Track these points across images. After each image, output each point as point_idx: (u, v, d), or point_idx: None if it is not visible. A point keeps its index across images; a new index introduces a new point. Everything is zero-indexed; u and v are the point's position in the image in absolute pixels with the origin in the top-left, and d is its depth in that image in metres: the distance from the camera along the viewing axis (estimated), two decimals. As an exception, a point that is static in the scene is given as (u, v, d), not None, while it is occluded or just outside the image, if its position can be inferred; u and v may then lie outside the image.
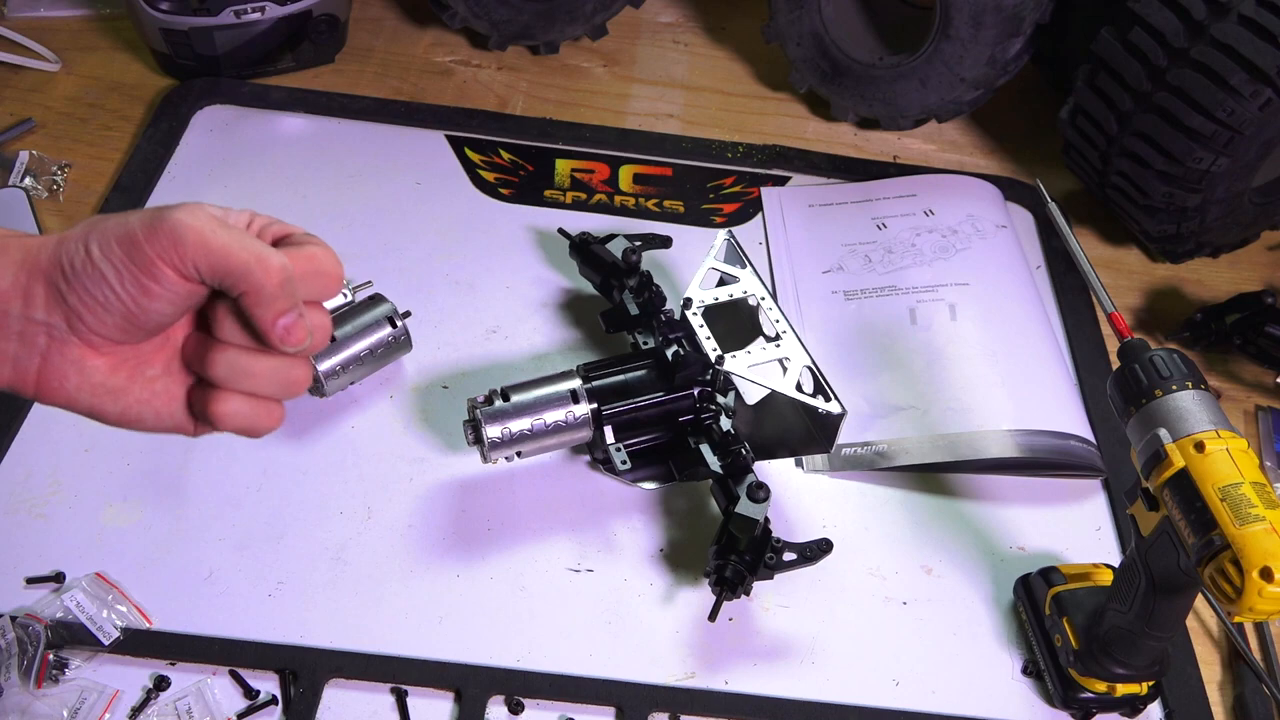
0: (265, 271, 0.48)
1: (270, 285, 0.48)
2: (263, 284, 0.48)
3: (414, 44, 1.19)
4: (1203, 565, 0.59)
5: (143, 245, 0.46)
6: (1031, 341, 0.93)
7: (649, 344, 0.85)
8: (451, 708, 0.72)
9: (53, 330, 0.48)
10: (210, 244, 0.47)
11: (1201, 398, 0.63)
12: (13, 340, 0.48)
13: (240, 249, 0.47)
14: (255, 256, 0.48)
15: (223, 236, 0.47)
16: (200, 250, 0.47)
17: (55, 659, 0.70)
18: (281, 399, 0.52)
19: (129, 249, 0.47)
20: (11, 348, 0.48)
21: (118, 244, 0.47)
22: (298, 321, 0.49)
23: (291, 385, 0.51)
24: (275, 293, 0.48)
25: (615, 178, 1.06)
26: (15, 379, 0.49)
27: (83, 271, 0.47)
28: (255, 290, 0.48)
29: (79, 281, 0.47)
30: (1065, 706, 0.74)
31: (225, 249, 0.47)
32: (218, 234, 0.47)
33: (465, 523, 0.80)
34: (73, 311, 0.47)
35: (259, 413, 0.51)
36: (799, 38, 1.12)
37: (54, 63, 1.10)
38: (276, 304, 0.48)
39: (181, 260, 0.47)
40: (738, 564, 0.71)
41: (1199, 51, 0.89)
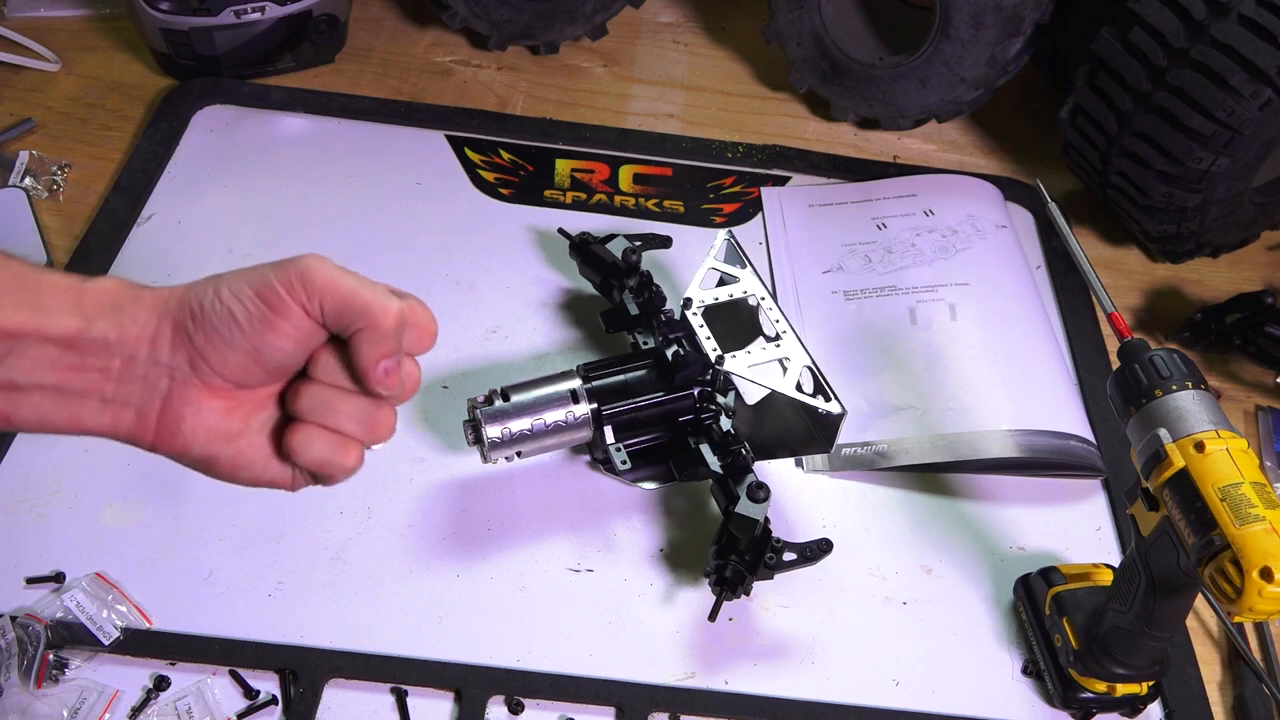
0: (385, 312, 0.50)
1: (387, 325, 0.50)
2: (381, 323, 0.50)
3: (414, 44, 1.19)
4: (1203, 565, 0.59)
5: (273, 283, 0.49)
6: (1031, 341, 0.93)
7: (649, 344, 0.85)
8: (451, 708, 0.72)
9: (175, 372, 0.50)
10: (338, 284, 0.49)
11: (1201, 398, 0.63)
12: (137, 384, 0.50)
13: (365, 289, 0.50)
14: (377, 298, 0.50)
15: (350, 279, 0.50)
16: (328, 289, 0.49)
17: (55, 659, 0.70)
18: (364, 441, 0.53)
19: (259, 287, 0.49)
20: (136, 392, 0.50)
21: (248, 284, 0.49)
22: (397, 366, 0.51)
23: (376, 427, 0.52)
24: (389, 333, 0.50)
25: (615, 178, 1.06)
26: (136, 426, 0.50)
27: (211, 310, 0.49)
28: (373, 328, 0.50)
29: (207, 320, 0.49)
30: (1065, 706, 0.74)
31: (352, 289, 0.50)
32: (345, 277, 0.50)
33: (465, 523, 0.80)
34: (197, 351, 0.49)
35: (337, 449, 0.52)
36: (799, 38, 1.12)
37: (54, 63, 1.10)
38: (386, 345, 0.50)
39: (309, 298, 0.49)
40: (738, 564, 0.71)
41: (1199, 51, 0.89)
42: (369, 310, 0.50)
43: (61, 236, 0.95)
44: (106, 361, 0.49)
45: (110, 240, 0.94)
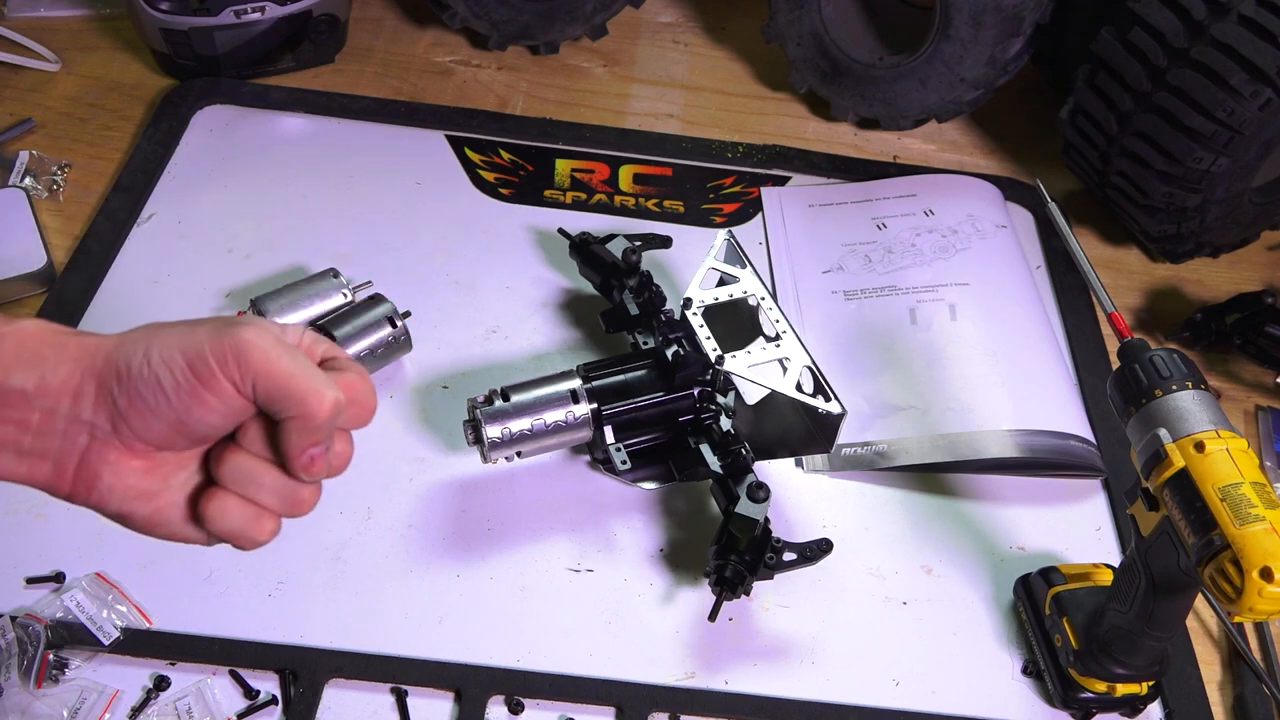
0: (319, 403, 0.48)
1: (320, 417, 0.48)
2: (314, 413, 0.48)
3: (414, 44, 1.19)
4: (1203, 565, 0.59)
5: (207, 356, 0.47)
6: (1031, 341, 0.93)
7: (649, 344, 0.85)
8: (451, 708, 0.72)
9: (95, 430, 0.48)
10: (274, 367, 0.47)
11: (1201, 398, 0.63)
12: (55, 438, 0.48)
13: (301, 376, 0.48)
14: (314, 388, 0.48)
15: (286, 362, 0.48)
16: (264, 371, 0.47)
17: (55, 659, 0.70)
18: (281, 515, 0.51)
19: (192, 358, 0.47)
20: (54, 446, 0.48)
21: (180, 353, 0.47)
22: (324, 454, 0.50)
23: (298, 504, 0.51)
24: (321, 425, 0.48)
25: (615, 178, 1.06)
26: (53, 477, 0.49)
27: (139, 375, 0.47)
28: (305, 417, 0.48)
29: (133, 385, 0.47)
30: (1065, 706, 0.74)
31: (288, 375, 0.47)
32: (282, 358, 0.48)
33: (465, 523, 0.80)
34: (120, 414, 0.48)
35: (251, 522, 0.50)
36: (799, 38, 1.12)
37: (54, 63, 1.10)
38: (316, 435, 0.49)
39: (242, 377, 0.47)
40: (738, 564, 0.71)
41: (1199, 51, 0.89)
42: (303, 400, 0.48)
43: (61, 236, 0.95)
44: (24, 414, 0.47)
45: (110, 240, 0.94)
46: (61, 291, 0.90)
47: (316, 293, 0.86)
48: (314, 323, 0.85)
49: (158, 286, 0.92)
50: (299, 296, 0.86)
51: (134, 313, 0.90)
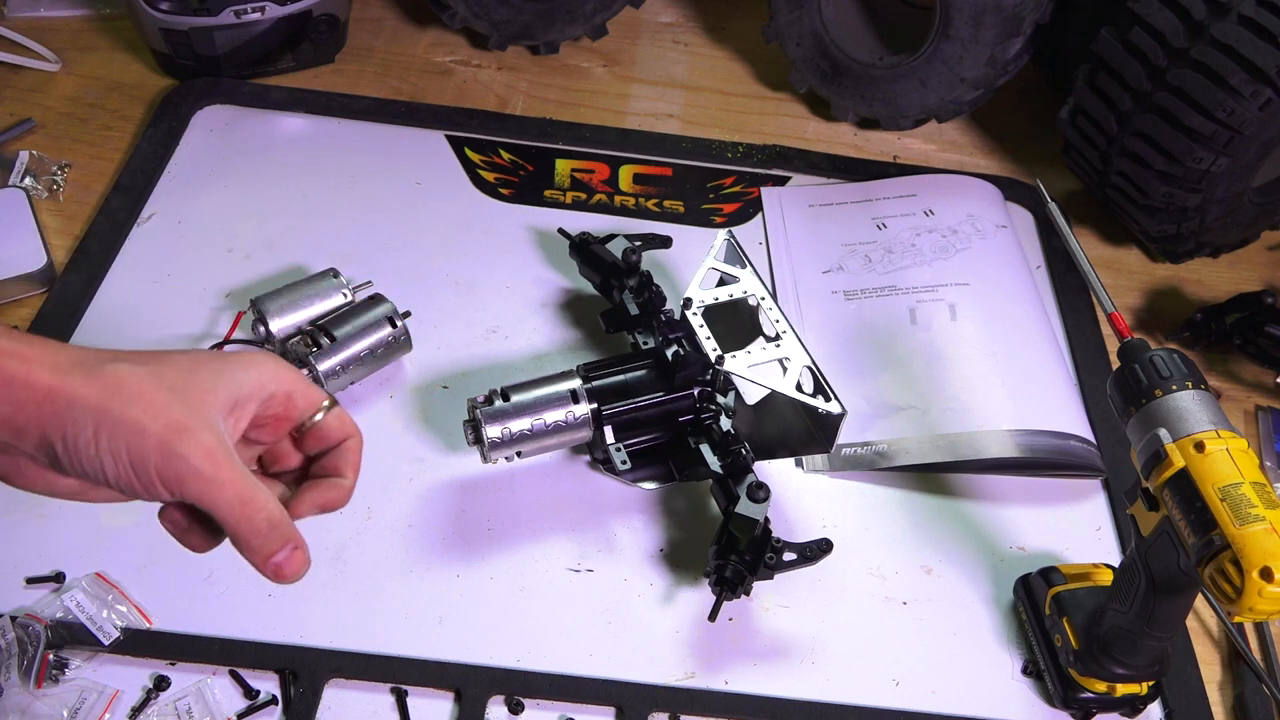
0: (251, 529, 0.50)
1: (255, 538, 0.50)
2: (248, 537, 0.50)
3: (414, 44, 1.19)
4: (1203, 565, 0.59)
5: (150, 470, 0.47)
6: (1031, 341, 0.93)
7: (649, 344, 0.85)
8: (451, 708, 0.72)
9: (34, 459, 0.49)
10: (212, 500, 0.49)
11: (1201, 398, 0.63)
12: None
13: (239, 516, 0.49)
14: (243, 515, 0.49)
15: (223, 500, 0.49)
16: (201, 499, 0.49)
17: (55, 659, 0.70)
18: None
19: (136, 461, 0.47)
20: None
21: (127, 452, 0.47)
22: (292, 556, 0.51)
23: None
24: (261, 542, 0.50)
25: (615, 178, 1.06)
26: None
27: (84, 450, 0.47)
28: (240, 539, 0.50)
29: (75, 454, 0.47)
30: (1065, 706, 0.74)
31: (225, 512, 0.49)
32: (221, 493, 0.49)
33: (465, 523, 0.80)
34: (58, 462, 0.48)
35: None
36: (799, 38, 1.12)
37: (54, 63, 1.10)
38: (264, 550, 0.50)
39: (182, 493, 0.48)
40: (738, 564, 0.71)
41: (1199, 51, 0.89)
42: (235, 525, 0.49)
43: (61, 236, 0.95)
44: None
45: (110, 240, 0.94)
46: (61, 291, 0.90)
47: (316, 293, 0.86)
48: (314, 323, 0.84)
49: (158, 286, 0.92)
50: (299, 296, 0.86)
51: (134, 313, 0.90)
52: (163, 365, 0.49)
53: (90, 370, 0.47)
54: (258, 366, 0.52)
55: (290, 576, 0.51)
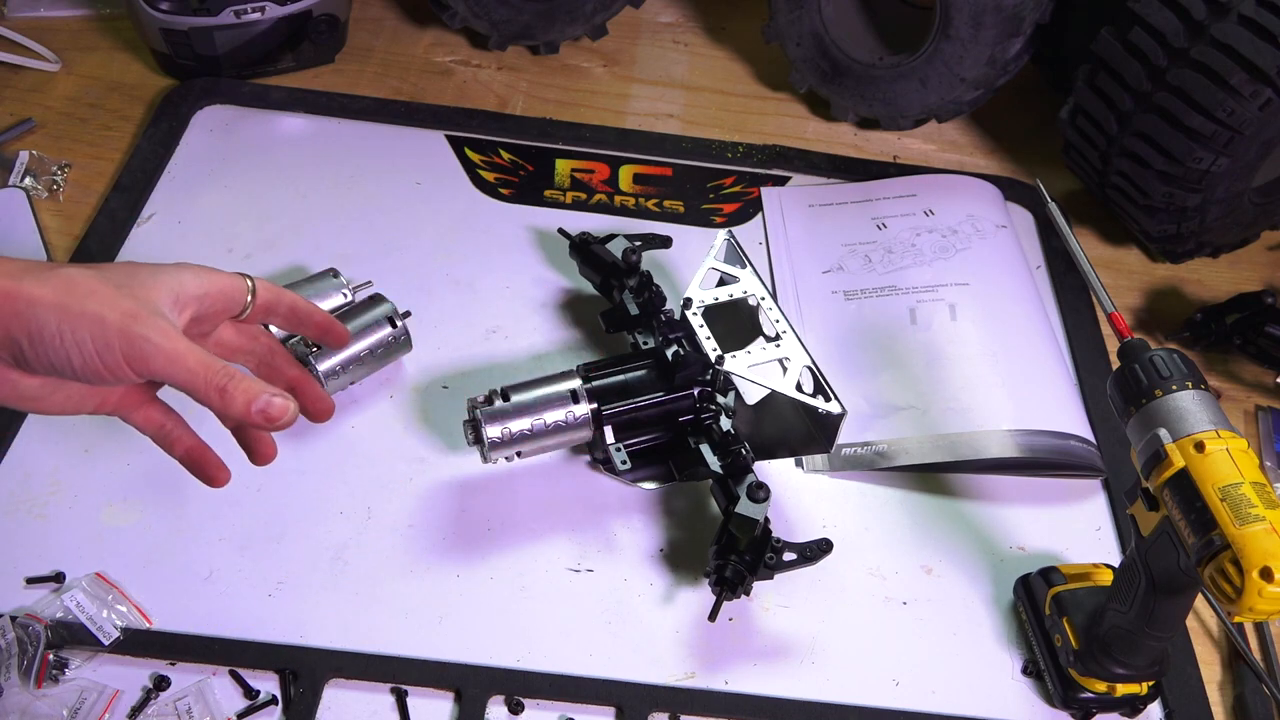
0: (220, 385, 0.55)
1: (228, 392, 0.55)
2: (220, 392, 0.55)
3: (414, 44, 1.19)
4: (1203, 565, 0.59)
5: (115, 353, 0.52)
6: (1031, 341, 0.93)
7: (649, 344, 0.85)
8: (451, 708, 0.72)
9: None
10: (174, 371, 0.54)
11: (1201, 398, 0.63)
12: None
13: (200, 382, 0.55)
14: (209, 376, 0.55)
15: (183, 369, 0.54)
16: (165, 373, 0.54)
17: (55, 659, 0.70)
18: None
19: (101, 348, 0.51)
20: None
21: (91, 340, 0.51)
22: (272, 401, 0.55)
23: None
24: (236, 394, 0.55)
25: (615, 178, 1.06)
26: None
27: (49, 344, 0.51)
28: (212, 397, 0.55)
29: (42, 349, 0.51)
30: (1065, 706, 0.74)
31: (188, 380, 0.54)
32: (182, 361, 0.54)
33: (465, 523, 0.80)
34: (24, 359, 0.51)
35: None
36: (799, 38, 1.12)
37: (54, 63, 1.10)
38: (242, 398, 0.55)
39: (148, 370, 0.53)
40: (738, 564, 0.71)
41: (1199, 51, 0.89)
42: (207, 399, 0.54)
43: (61, 236, 0.95)
44: None
45: (110, 240, 0.94)
46: (61, 291, 0.90)
47: (316, 293, 0.86)
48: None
49: (158, 286, 0.92)
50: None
51: (134, 313, 0.89)
52: (105, 269, 0.55)
53: (41, 274, 0.52)
54: (188, 270, 0.58)
55: (279, 416, 0.56)
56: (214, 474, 0.64)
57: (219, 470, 0.64)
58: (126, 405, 0.61)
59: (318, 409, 0.67)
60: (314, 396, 0.67)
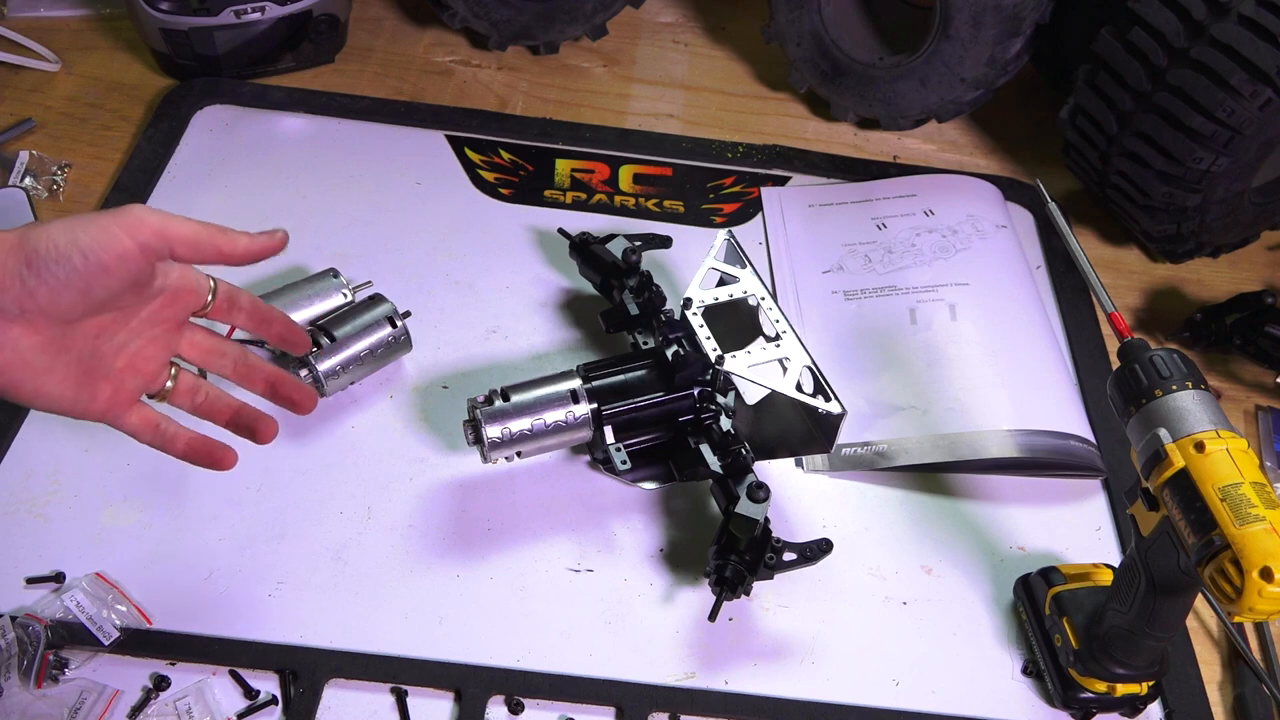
0: (216, 229, 0.60)
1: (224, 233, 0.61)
2: (219, 234, 0.60)
3: (414, 44, 1.19)
4: (1203, 565, 0.59)
5: (112, 229, 0.56)
6: (1031, 341, 0.93)
7: (649, 344, 0.85)
8: (451, 708, 0.72)
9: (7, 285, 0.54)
10: (169, 224, 0.58)
11: (1201, 398, 0.63)
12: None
13: (200, 226, 0.59)
14: (203, 226, 0.59)
15: (181, 221, 0.58)
16: (161, 225, 0.57)
17: (55, 659, 0.70)
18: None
19: (98, 231, 0.55)
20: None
21: (86, 233, 0.55)
22: (262, 232, 0.62)
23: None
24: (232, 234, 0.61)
25: (615, 178, 1.06)
26: None
27: (48, 255, 0.54)
28: (213, 239, 0.60)
29: (42, 264, 0.54)
30: (1065, 706, 0.74)
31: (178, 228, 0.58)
32: (176, 219, 0.58)
33: (465, 523, 0.80)
34: (29, 293, 0.54)
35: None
36: (799, 38, 1.12)
37: (54, 63, 1.10)
38: (237, 237, 0.61)
39: (145, 235, 0.56)
40: (738, 564, 0.71)
41: (1199, 51, 0.89)
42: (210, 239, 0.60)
43: (61, 236, 0.95)
44: None
45: (110, 240, 0.94)
46: (61, 291, 0.90)
47: (316, 293, 0.86)
48: (314, 323, 0.85)
49: (158, 286, 0.92)
50: (299, 296, 0.86)
51: (134, 313, 0.89)
52: None
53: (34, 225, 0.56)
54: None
55: (278, 233, 0.63)
56: (221, 457, 0.66)
57: (225, 453, 0.66)
58: (117, 406, 0.61)
59: (300, 400, 0.68)
60: (295, 387, 0.68)
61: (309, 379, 0.82)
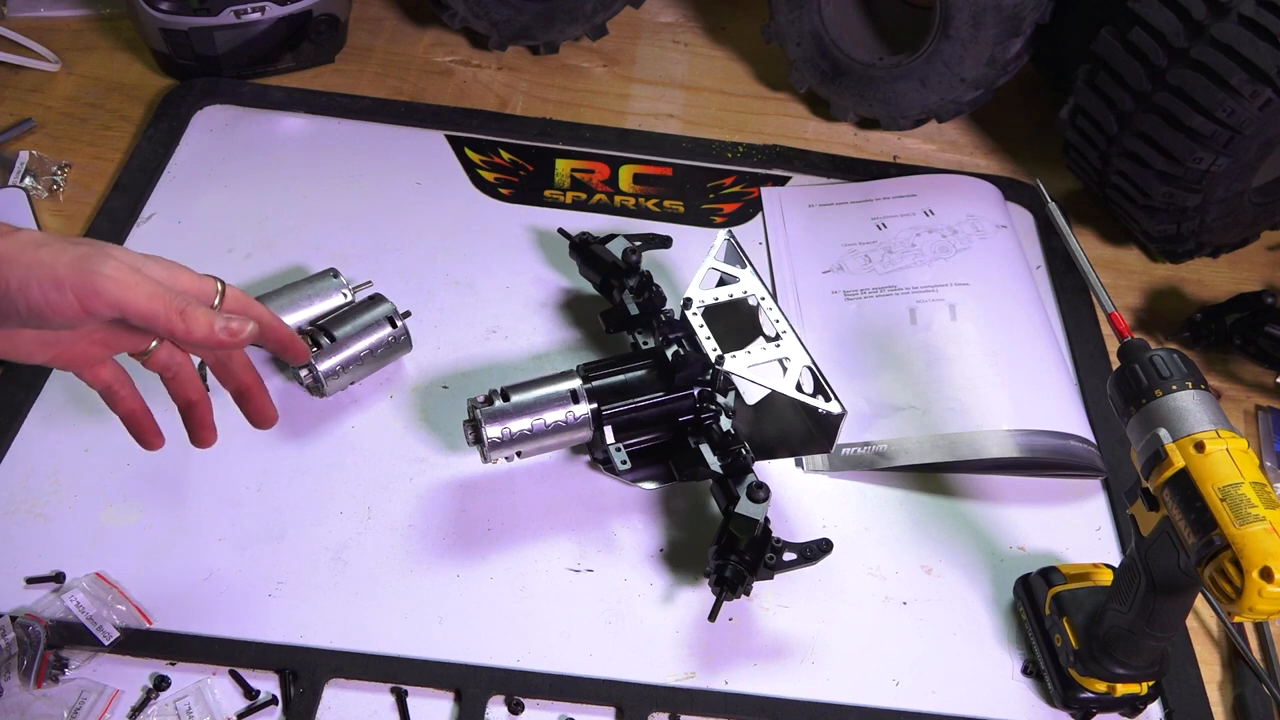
0: (178, 307, 0.57)
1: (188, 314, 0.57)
2: (179, 316, 0.56)
3: (414, 44, 1.19)
4: (1203, 565, 0.59)
5: (64, 287, 0.53)
6: (1031, 341, 0.93)
7: (649, 344, 0.85)
8: (451, 708, 0.72)
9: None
10: (125, 295, 0.54)
11: (1201, 398, 0.63)
12: None
13: (150, 296, 0.55)
14: (165, 301, 0.56)
15: (142, 295, 0.55)
16: (116, 298, 0.54)
17: (55, 659, 0.70)
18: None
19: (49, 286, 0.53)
20: None
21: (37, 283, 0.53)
22: (228, 324, 0.58)
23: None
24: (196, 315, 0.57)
25: (615, 178, 1.06)
26: None
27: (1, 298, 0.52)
28: (172, 321, 0.56)
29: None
30: (1065, 706, 0.74)
31: (132, 302, 0.55)
32: (138, 288, 0.55)
33: (465, 523, 0.80)
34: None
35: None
36: (799, 38, 1.12)
37: (54, 63, 1.10)
38: (202, 320, 0.57)
39: (97, 305, 0.54)
40: (738, 564, 0.71)
41: (1199, 51, 0.89)
42: (168, 327, 0.56)
43: (61, 236, 0.95)
44: None
45: (110, 240, 0.94)
46: (61, 291, 0.90)
47: (316, 293, 0.86)
48: (314, 323, 0.85)
49: (158, 286, 0.92)
50: (299, 296, 0.86)
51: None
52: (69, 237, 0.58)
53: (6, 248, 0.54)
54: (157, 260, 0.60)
55: (240, 330, 0.59)
56: (150, 438, 0.66)
57: (155, 436, 0.67)
58: (79, 360, 0.62)
59: (262, 417, 0.69)
60: (260, 406, 0.69)
61: (309, 379, 0.83)
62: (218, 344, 0.58)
